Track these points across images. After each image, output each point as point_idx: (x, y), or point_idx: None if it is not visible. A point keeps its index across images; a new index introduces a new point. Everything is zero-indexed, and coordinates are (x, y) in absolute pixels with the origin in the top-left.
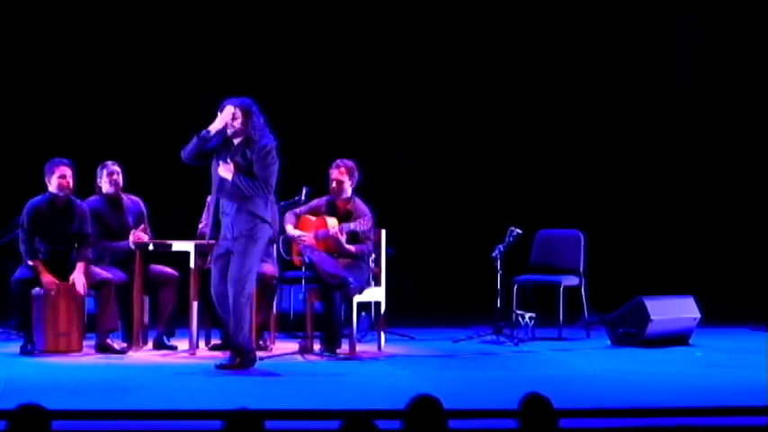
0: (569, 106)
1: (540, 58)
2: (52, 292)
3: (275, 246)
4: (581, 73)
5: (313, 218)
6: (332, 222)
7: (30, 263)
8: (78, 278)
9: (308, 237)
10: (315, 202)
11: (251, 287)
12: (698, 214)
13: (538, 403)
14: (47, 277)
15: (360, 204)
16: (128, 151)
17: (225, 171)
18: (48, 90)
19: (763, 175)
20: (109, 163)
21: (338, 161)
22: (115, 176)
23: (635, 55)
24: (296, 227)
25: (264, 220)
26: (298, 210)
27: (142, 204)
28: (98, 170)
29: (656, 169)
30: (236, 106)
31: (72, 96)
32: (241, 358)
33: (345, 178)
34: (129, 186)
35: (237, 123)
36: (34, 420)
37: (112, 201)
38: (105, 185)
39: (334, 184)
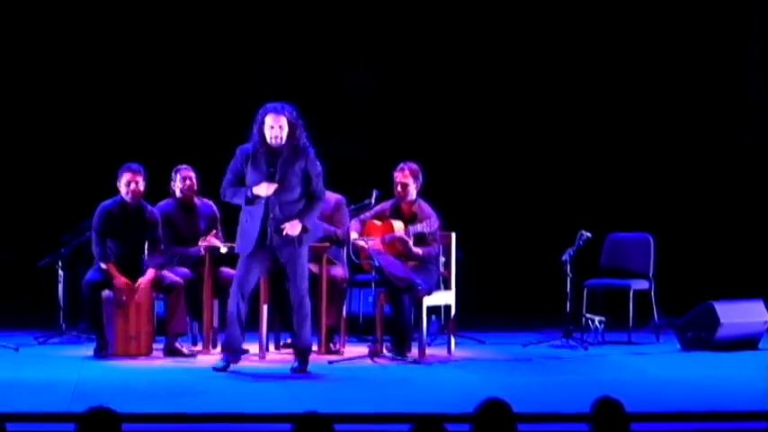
0: (640, 111)
1: (613, 62)
2: (124, 296)
3: (345, 249)
4: (652, 77)
5: (378, 222)
6: (398, 225)
7: (103, 265)
8: (143, 283)
9: (373, 242)
10: (379, 206)
11: None
12: None
13: (610, 407)
14: (119, 280)
15: (425, 206)
16: (202, 155)
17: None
18: (122, 92)
19: None
20: (182, 167)
21: (402, 164)
22: (188, 181)
23: (703, 58)
24: (361, 233)
25: None
26: (363, 216)
27: (215, 208)
28: (172, 174)
29: (725, 172)
30: (285, 116)
31: (148, 99)
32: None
33: (410, 181)
34: (203, 190)
35: (285, 134)
36: (104, 423)
37: (185, 205)
38: (178, 190)
39: (399, 188)
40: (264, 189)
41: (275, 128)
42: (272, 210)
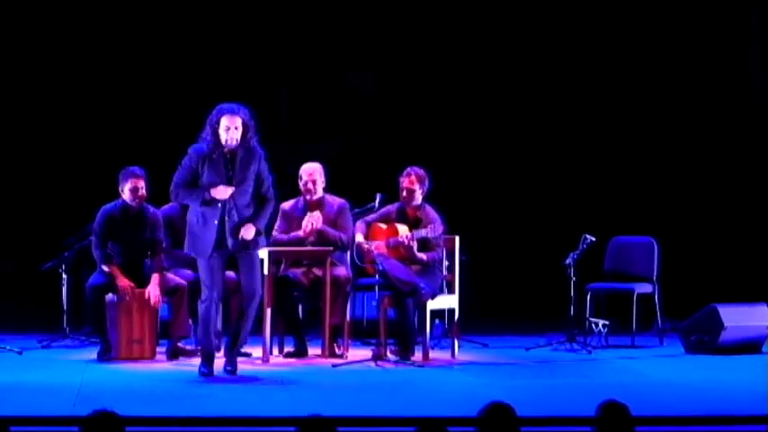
0: (642, 114)
1: (615, 65)
2: (127, 297)
3: (348, 252)
4: (654, 81)
5: (383, 225)
6: (402, 229)
7: (104, 268)
8: (153, 291)
9: (377, 246)
10: (385, 209)
11: None
12: None
13: (615, 411)
14: (122, 281)
15: (430, 211)
16: None
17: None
18: (125, 96)
19: None
20: None
21: (409, 169)
22: None
23: (708, 59)
24: (366, 235)
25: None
26: (368, 218)
27: None
28: None
29: (729, 175)
30: (240, 117)
31: (150, 103)
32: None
33: (416, 186)
34: None
35: (239, 135)
36: (107, 426)
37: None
38: None
39: (404, 193)
40: (222, 192)
41: (231, 129)
42: (228, 213)
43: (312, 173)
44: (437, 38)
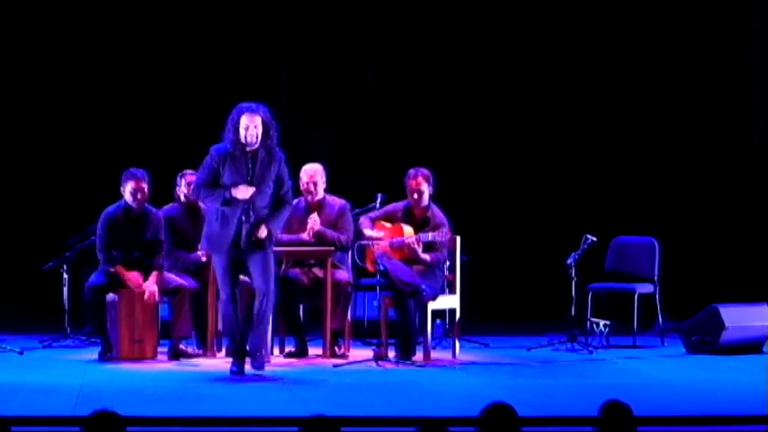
0: (644, 114)
1: (617, 66)
2: (138, 289)
3: (349, 253)
4: (655, 81)
5: (388, 224)
6: (407, 230)
7: (110, 269)
8: (150, 287)
9: (383, 237)
10: (390, 207)
11: None
12: None
13: (618, 411)
14: (130, 275)
15: (437, 213)
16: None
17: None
18: (127, 96)
19: None
20: (188, 172)
21: (415, 170)
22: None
23: (708, 59)
24: None
25: None
26: (372, 214)
27: None
28: (177, 179)
29: (730, 176)
30: (260, 116)
31: (152, 103)
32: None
33: (424, 187)
34: None
35: (259, 134)
36: (108, 426)
37: (190, 210)
38: (183, 195)
39: (415, 195)
40: (244, 192)
41: (250, 128)
42: (246, 213)
43: (313, 174)
44: (438, 38)
